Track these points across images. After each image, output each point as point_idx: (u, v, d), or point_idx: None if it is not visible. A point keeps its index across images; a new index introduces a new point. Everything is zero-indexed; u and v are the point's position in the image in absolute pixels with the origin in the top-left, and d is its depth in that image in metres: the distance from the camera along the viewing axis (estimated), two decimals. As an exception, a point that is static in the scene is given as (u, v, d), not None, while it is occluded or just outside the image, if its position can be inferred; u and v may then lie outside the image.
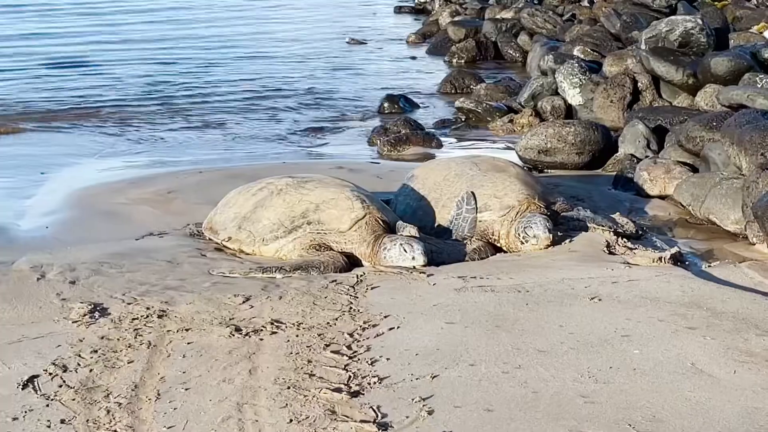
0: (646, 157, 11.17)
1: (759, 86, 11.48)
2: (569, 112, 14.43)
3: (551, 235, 8.22)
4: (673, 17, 14.22)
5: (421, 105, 16.56)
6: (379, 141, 13.49)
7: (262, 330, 6.48)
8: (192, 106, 16.65)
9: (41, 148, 13.70)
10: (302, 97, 17.37)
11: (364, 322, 6.62)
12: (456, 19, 24.35)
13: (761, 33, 14.77)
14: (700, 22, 13.68)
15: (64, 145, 13.91)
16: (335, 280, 7.52)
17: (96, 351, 6.19)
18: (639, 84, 13.67)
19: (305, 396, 5.51)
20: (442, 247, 8.20)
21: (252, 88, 18.31)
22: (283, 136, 14.46)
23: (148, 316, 6.76)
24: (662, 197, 10.31)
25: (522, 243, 8.29)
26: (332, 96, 17.48)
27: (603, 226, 8.59)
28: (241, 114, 15.97)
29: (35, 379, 5.80)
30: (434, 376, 5.73)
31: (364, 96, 17.39)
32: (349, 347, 6.20)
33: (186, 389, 5.65)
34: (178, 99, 17.26)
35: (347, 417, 5.27)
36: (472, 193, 8.50)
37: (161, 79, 19.25)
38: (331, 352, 6.12)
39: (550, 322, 6.54)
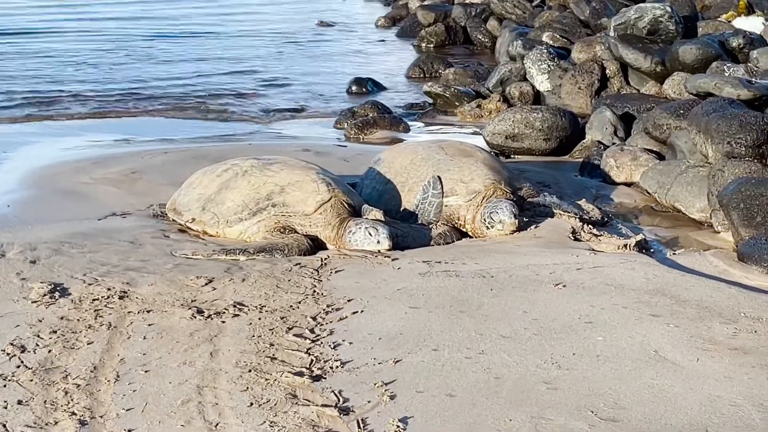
0: (613, 144, 11.18)
1: (726, 75, 11.50)
2: (537, 98, 14.42)
3: (517, 221, 8.20)
4: (642, 5, 14.21)
5: (389, 88, 16.52)
6: (346, 124, 13.45)
7: (224, 312, 6.42)
8: (156, 87, 16.47)
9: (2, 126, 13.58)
10: (269, 79, 17.26)
11: (328, 306, 6.57)
12: (426, 3, 24.27)
13: (729, 22, 14.80)
14: (669, 9, 13.69)
15: (27, 123, 13.78)
16: (299, 263, 7.46)
17: (55, 331, 6.11)
18: (607, 71, 13.68)
19: (266, 379, 5.45)
20: (407, 231, 8.16)
21: (218, 69, 18.18)
22: (249, 117, 14.36)
23: (108, 297, 6.68)
24: (628, 184, 10.31)
25: (488, 228, 8.26)
26: (300, 78, 17.39)
27: (569, 212, 8.58)
28: (206, 95, 15.82)
29: (-8, 360, 5.74)
30: (397, 361, 5.69)
31: (332, 79, 17.32)
32: (311, 331, 6.15)
33: (146, 371, 5.58)
34: (143, 80, 17.09)
35: (309, 401, 5.22)
36: (439, 177, 8.46)
37: (122, 59, 19.07)
38: (294, 335, 6.07)
39: (514, 307, 6.52)
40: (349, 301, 6.67)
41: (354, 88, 16.20)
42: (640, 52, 13.12)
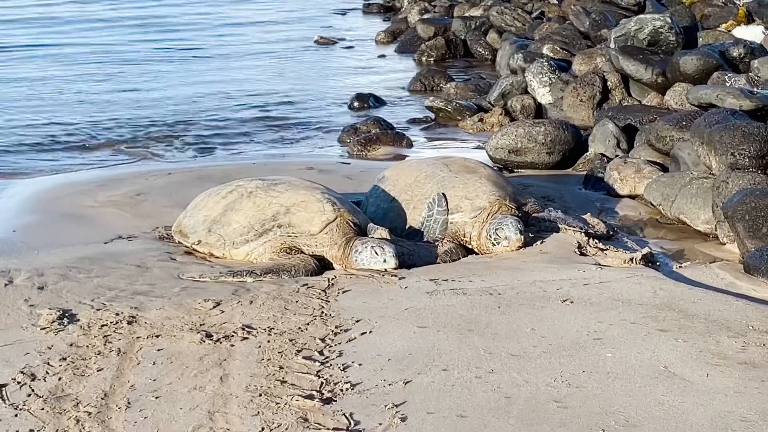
0: (616, 156, 11.18)
1: (728, 85, 11.51)
2: (539, 110, 14.43)
3: (522, 237, 8.21)
4: (642, 16, 14.24)
5: (390, 103, 16.52)
6: (349, 141, 13.46)
7: (233, 336, 6.43)
8: (156, 109, 16.40)
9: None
10: (270, 97, 17.25)
11: (336, 327, 6.58)
12: (425, 16, 24.30)
13: (729, 31, 14.81)
14: (669, 20, 13.71)
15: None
16: (306, 284, 7.47)
17: (65, 358, 6.12)
18: (608, 83, 13.68)
19: (277, 403, 5.47)
20: (413, 249, 8.16)
21: (219, 88, 18.16)
22: (251, 136, 14.37)
23: (117, 323, 6.69)
24: (632, 197, 10.32)
25: (493, 245, 8.27)
26: (301, 95, 17.38)
27: (574, 227, 8.58)
28: (208, 114, 15.79)
29: (3, 388, 5.73)
30: (407, 382, 5.70)
31: (334, 95, 17.32)
32: (321, 353, 6.16)
33: (156, 397, 5.59)
34: (142, 101, 17.05)
35: (320, 425, 5.23)
36: (444, 194, 8.47)
37: (119, 82, 18.99)
38: (303, 358, 6.08)
39: (522, 325, 6.53)
40: (357, 321, 6.68)
41: (356, 104, 16.20)
42: (641, 63, 13.14)
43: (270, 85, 18.50)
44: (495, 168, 10.40)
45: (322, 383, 5.72)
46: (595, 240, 8.45)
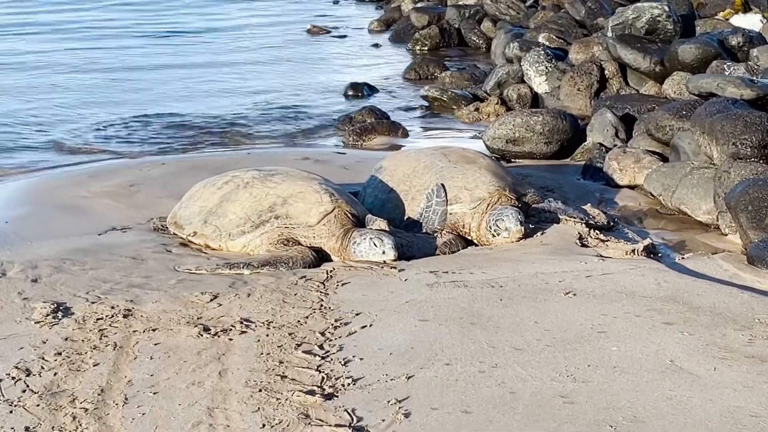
0: (615, 146, 11.07)
1: (727, 74, 11.41)
2: (535, 100, 14.33)
3: (523, 228, 8.10)
4: (639, 4, 14.11)
5: (385, 92, 16.41)
6: (344, 130, 13.34)
7: (231, 329, 6.31)
8: (152, 97, 16.31)
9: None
10: (263, 87, 17.12)
11: (336, 320, 6.46)
12: (419, 5, 24.15)
13: (727, 19, 14.71)
14: (666, 8, 13.61)
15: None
16: (305, 276, 7.35)
17: (60, 353, 5.99)
18: (606, 71, 13.59)
19: (278, 399, 5.35)
20: (412, 240, 8.05)
21: (212, 77, 18.03)
22: (245, 126, 14.23)
23: (113, 316, 6.56)
24: (632, 187, 10.22)
25: (493, 236, 8.17)
26: (294, 85, 17.25)
27: (575, 218, 8.48)
28: (202, 106, 15.65)
29: (-3, 384, 5.63)
30: (409, 377, 5.59)
31: (327, 84, 17.19)
32: (321, 347, 6.05)
33: (154, 393, 5.48)
34: (138, 90, 16.92)
35: (322, 421, 5.12)
36: (442, 185, 8.36)
37: (109, 71, 18.82)
38: (303, 352, 5.97)
39: (525, 318, 6.42)
40: (357, 314, 6.56)
41: (350, 93, 16.09)
42: (638, 52, 13.05)
43: (262, 75, 18.39)
44: (494, 158, 10.28)
45: (323, 378, 5.61)
46: (596, 231, 8.35)
